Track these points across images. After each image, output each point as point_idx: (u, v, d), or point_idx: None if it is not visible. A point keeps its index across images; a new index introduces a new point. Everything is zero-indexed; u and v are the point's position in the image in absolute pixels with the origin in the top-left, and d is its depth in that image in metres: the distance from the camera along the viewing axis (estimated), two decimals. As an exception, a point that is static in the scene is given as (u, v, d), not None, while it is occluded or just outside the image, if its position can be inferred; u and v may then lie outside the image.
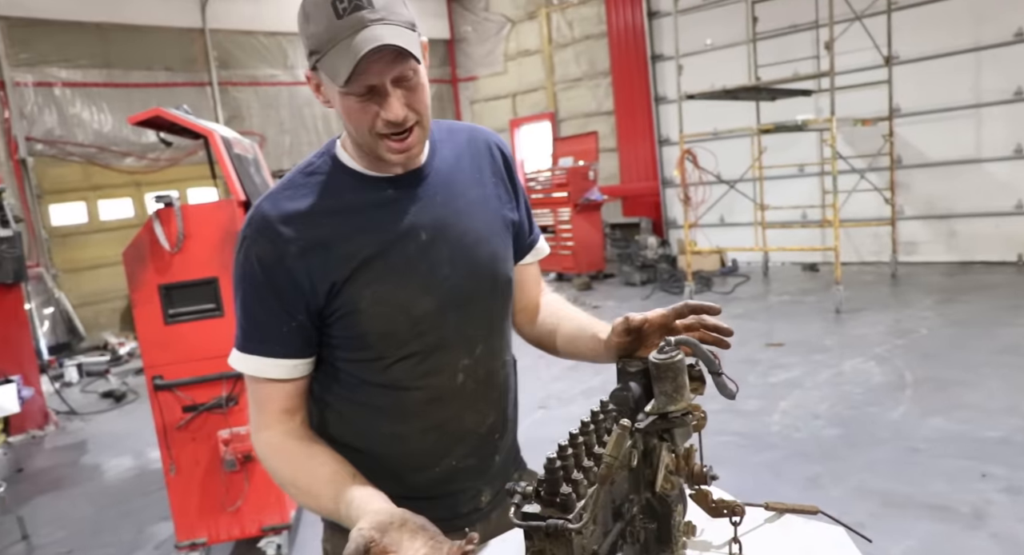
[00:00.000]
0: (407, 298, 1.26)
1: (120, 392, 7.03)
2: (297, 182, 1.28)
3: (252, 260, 1.22)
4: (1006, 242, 8.43)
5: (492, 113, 14.12)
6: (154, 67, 10.76)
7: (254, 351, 1.25)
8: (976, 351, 5.35)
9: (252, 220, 1.24)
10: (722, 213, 10.09)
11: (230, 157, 3.76)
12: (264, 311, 1.24)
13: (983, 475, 3.50)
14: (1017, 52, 8.14)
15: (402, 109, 1.17)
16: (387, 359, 1.28)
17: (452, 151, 1.39)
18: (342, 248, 1.23)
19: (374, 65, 1.13)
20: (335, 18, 1.12)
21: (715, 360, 1.21)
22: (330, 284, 1.23)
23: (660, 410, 1.16)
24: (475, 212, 1.36)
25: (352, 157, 1.30)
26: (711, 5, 9.77)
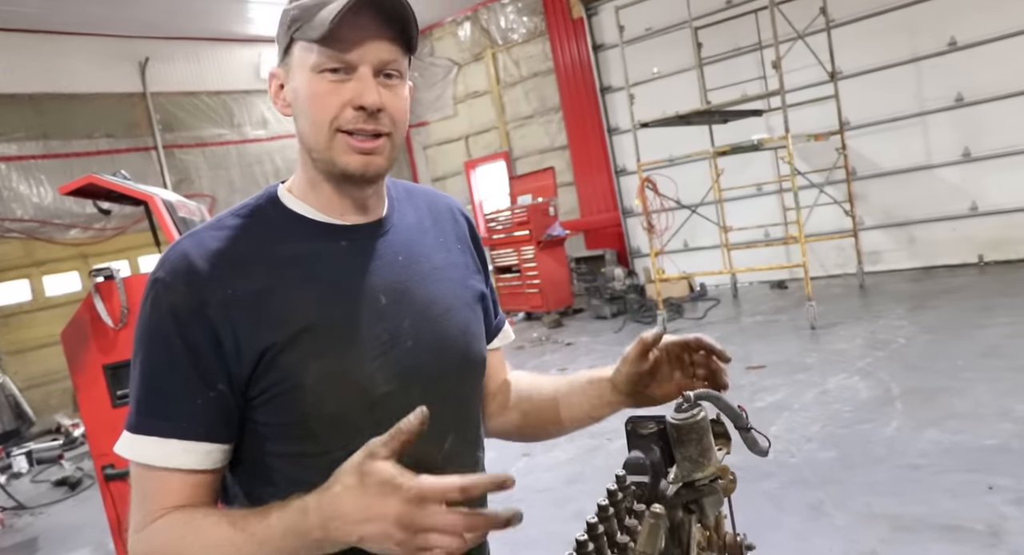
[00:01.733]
0: (364, 375, 1.02)
1: (75, 479, 6.60)
2: (227, 223, 1.05)
3: (163, 309, 0.97)
4: (965, 244, 8.52)
5: (446, 157, 14.06)
6: (94, 135, 10.49)
7: (154, 431, 0.96)
8: (956, 357, 5.29)
9: (167, 261, 1.00)
10: (685, 238, 10.07)
11: (175, 221, 3.56)
12: (174, 377, 0.96)
13: (990, 488, 3.37)
14: (953, 60, 8.34)
15: (378, 96, 0.99)
16: (335, 453, 0.96)
17: (413, 212, 1.19)
18: (282, 305, 0.99)
19: (362, 32, 0.97)
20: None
21: (742, 414, 1.05)
22: (262, 349, 0.97)
23: (686, 478, 0.99)
24: (442, 279, 1.15)
25: (300, 198, 1.08)
26: (655, 34, 9.88)
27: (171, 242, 2.96)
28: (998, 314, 6.20)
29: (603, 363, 5.06)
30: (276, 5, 10.89)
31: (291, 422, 1.01)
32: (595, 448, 4.87)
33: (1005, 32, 7.95)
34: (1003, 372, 4.81)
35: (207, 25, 11.27)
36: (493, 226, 10.97)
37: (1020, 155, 8.09)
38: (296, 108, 1.04)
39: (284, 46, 1.03)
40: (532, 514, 4.15)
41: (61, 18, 9.64)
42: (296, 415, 1.00)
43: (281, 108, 1.07)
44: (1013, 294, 6.83)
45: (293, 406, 1.00)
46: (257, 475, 1.05)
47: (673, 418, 0.98)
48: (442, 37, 13.45)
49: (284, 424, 1.01)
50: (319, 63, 0.98)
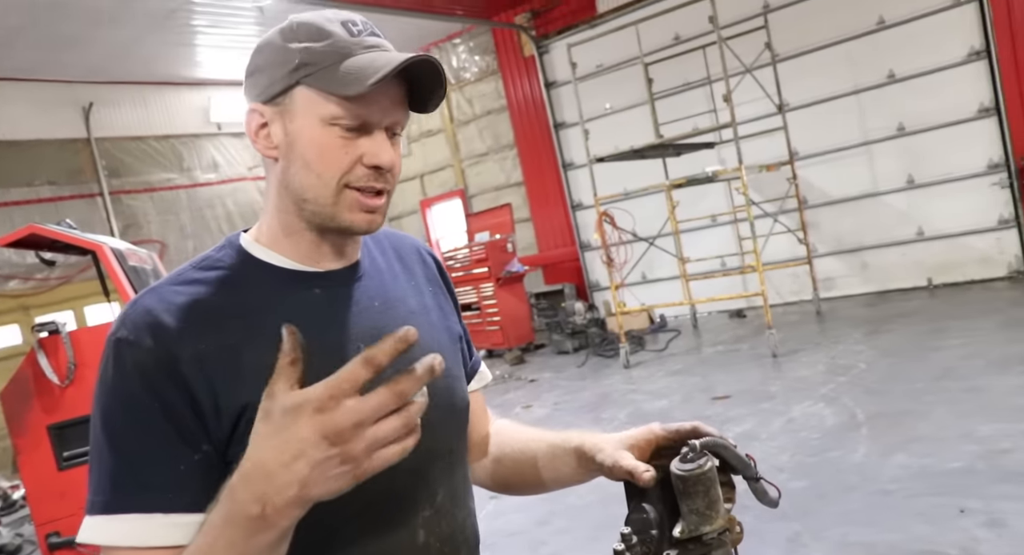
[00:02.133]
0: None
1: (13, 546, 6.22)
2: (190, 276, 0.97)
3: (128, 369, 0.87)
4: (915, 268, 8.74)
5: (401, 196, 14.00)
6: (36, 182, 10.19)
7: (133, 507, 0.84)
8: (916, 380, 5.36)
9: (127, 318, 0.91)
10: (644, 270, 10.14)
11: (124, 270, 3.42)
12: (150, 442, 0.86)
13: (961, 511, 3.38)
14: (893, 92, 8.65)
15: (393, 155, 0.97)
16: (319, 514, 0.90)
17: (381, 254, 1.14)
18: (259, 359, 0.89)
19: (387, 96, 0.94)
20: (347, 35, 0.93)
21: (751, 463, 1.00)
22: (240, 407, 0.88)
23: (693, 533, 0.93)
24: (418, 323, 1.07)
25: (268, 247, 1.01)
26: (606, 71, 10.02)
27: (121, 292, 2.81)
28: (950, 336, 6.33)
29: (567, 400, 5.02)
30: (225, 49, 10.81)
31: None
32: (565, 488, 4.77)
33: (938, 65, 8.30)
34: (960, 393, 4.88)
35: (154, 69, 11.11)
36: (451, 264, 10.90)
37: (958, 181, 8.38)
38: (291, 155, 0.97)
39: (281, 87, 0.96)
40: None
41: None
42: None
43: (264, 149, 0.99)
44: (962, 316, 7.00)
45: None
46: None
47: (678, 469, 0.92)
48: (394, 77, 13.49)
49: None
50: (336, 117, 0.93)
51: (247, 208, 12.74)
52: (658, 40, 9.44)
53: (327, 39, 0.93)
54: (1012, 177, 8.04)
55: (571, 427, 5.81)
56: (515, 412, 7.11)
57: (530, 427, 1.30)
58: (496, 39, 11.89)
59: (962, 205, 8.37)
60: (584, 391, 7.38)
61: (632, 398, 6.68)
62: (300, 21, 0.96)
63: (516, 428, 1.31)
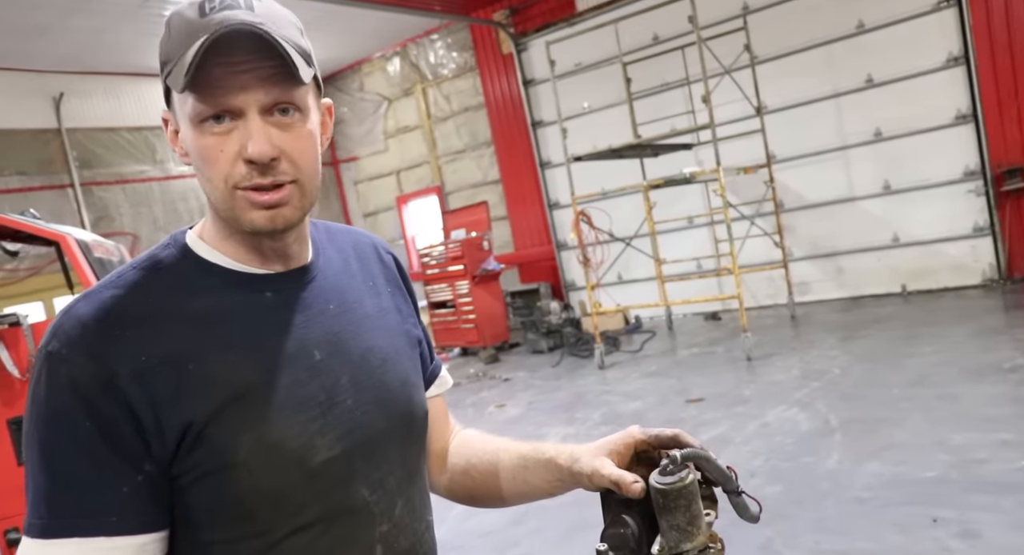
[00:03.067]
0: (302, 443, 0.89)
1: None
2: (129, 278, 0.90)
3: (61, 386, 0.81)
4: (889, 274, 8.81)
5: (377, 192, 13.90)
6: (5, 172, 9.97)
7: (73, 532, 0.80)
8: (890, 386, 5.38)
9: (60, 329, 0.84)
10: (620, 271, 10.12)
11: (89, 262, 3.32)
12: (88, 462, 0.81)
13: (934, 520, 3.37)
14: (870, 96, 8.70)
15: (267, 145, 0.85)
16: (275, 534, 0.89)
17: (337, 254, 1.07)
18: (204, 370, 0.85)
19: (238, 75, 0.83)
20: (198, 17, 0.83)
21: (732, 475, 0.95)
22: (185, 424, 0.83)
23: (673, 550, 0.88)
24: (376, 326, 1.04)
25: (213, 246, 0.94)
26: (585, 69, 10.00)
27: (85, 284, 2.71)
28: (924, 343, 6.37)
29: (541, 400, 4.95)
30: (200, 38, 10.62)
31: (225, 504, 0.86)
32: (539, 490, 4.73)
33: (916, 71, 8.35)
34: (934, 400, 4.90)
35: (126, 59, 10.90)
36: (427, 261, 10.82)
37: (934, 188, 8.46)
38: (193, 160, 0.90)
39: (164, 89, 0.90)
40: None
41: (-34, 51, 9.18)
42: (230, 495, 0.86)
43: (180, 156, 0.93)
44: (935, 323, 7.06)
45: (225, 486, 0.86)
46: None
47: (658, 482, 0.87)
48: (371, 72, 13.38)
49: (217, 506, 0.87)
50: (197, 113, 0.85)
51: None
52: (637, 39, 9.42)
53: (181, 27, 0.85)
54: (988, 185, 8.12)
55: (544, 427, 5.76)
56: (488, 411, 7.06)
57: (498, 437, 1.23)
58: (474, 36, 11.82)
59: (937, 212, 8.44)
60: (558, 391, 7.34)
61: (607, 399, 6.65)
62: (171, 12, 0.88)
63: (483, 438, 1.25)
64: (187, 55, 0.82)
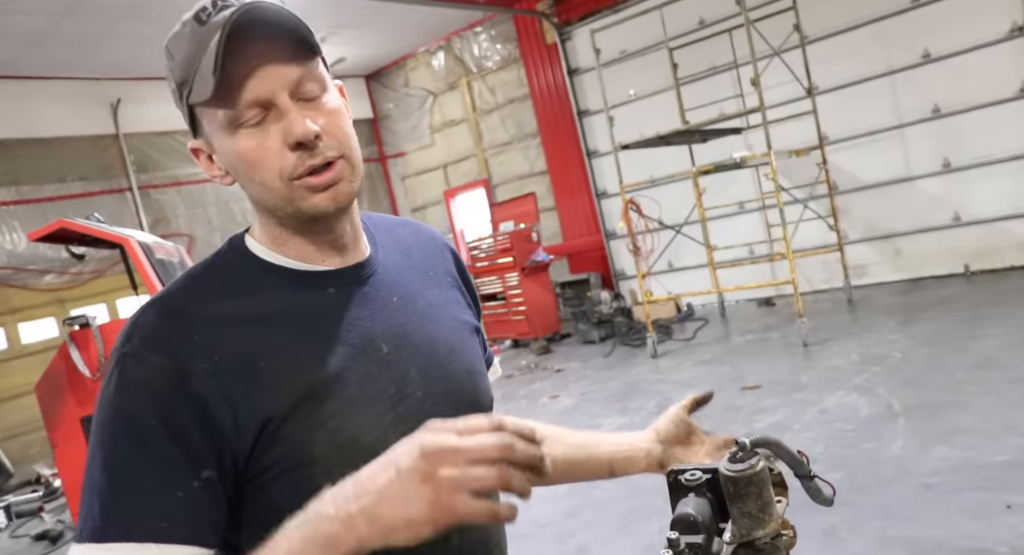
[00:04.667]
0: (376, 438, 0.89)
1: (55, 532, 6.32)
2: (194, 283, 0.93)
3: (134, 388, 0.82)
4: (951, 254, 8.53)
5: (424, 186, 13.99)
6: (67, 178, 10.31)
7: (125, 536, 0.78)
8: (955, 370, 5.22)
9: (133, 332, 0.86)
10: (670, 259, 10.03)
11: (152, 263, 3.42)
12: (148, 466, 0.80)
13: (1008, 506, 3.27)
14: (927, 72, 8.40)
15: (308, 123, 0.86)
16: None
17: (395, 245, 1.08)
18: (276, 368, 0.87)
19: (255, 68, 0.84)
20: (198, 26, 0.85)
21: (803, 460, 0.94)
22: (262, 422, 0.85)
23: (745, 538, 0.87)
24: (439, 316, 1.05)
25: (271, 247, 0.95)
26: (629, 57, 9.90)
27: (148, 285, 2.80)
28: (990, 324, 6.16)
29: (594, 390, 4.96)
30: (249, 41, 10.83)
31: (300, 500, 0.85)
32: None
33: (977, 43, 8.03)
34: (1003, 384, 4.74)
35: (179, 63, 11.17)
36: (476, 254, 10.87)
37: (997, 164, 8.14)
38: (236, 175, 0.92)
39: (188, 117, 0.92)
40: (534, 549, 3.95)
41: (28, 63, 9.50)
42: (309, 492, 0.84)
43: (221, 180, 0.95)
44: (1002, 303, 6.81)
45: (304, 483, 0.85)
46: None
47: (728, 469, 0.87)
48: (416, 67, 13.45)
49: (297, 503, 0.85)
50: (231, 118, 0.86)
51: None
52: (683, 24, 9.26)
53: (183, 46, 0.86)
54: (1054, 159, 7.80)
55: (598, 417, 5.76)
56: (542, 402, 7.08)
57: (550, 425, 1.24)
58: (518, 27, 11.77)
59: (1001, 189, 8.12)
60: (611, 381, 7.31)
61: (660, 388, 6.60)
62: (169, 37, 0.90)
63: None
64: (203, 63, 0.83)
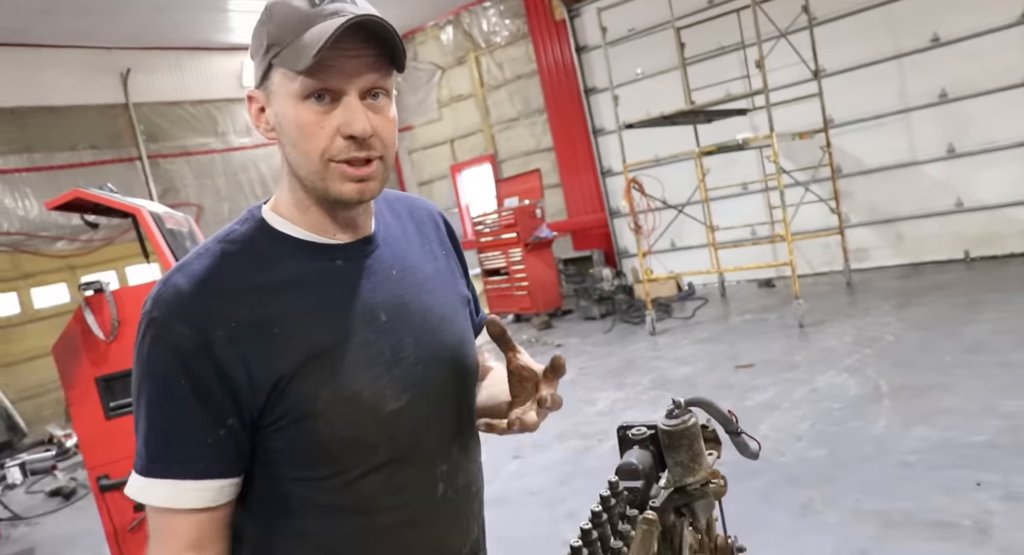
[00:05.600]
0: (373, 395, 1.02)
1: (69, 489, 6.57)
2: (216, 251, 1.02)
3: (165, 350, 0.95)
4: (952, 240, 8.58)
5: (431, 161, 14.06)
6: (78, 147, 10.43)
7: (166, 474, 0.96)
8: (945, 353, 5.33)
9: (161, 298, 0.98)
10: (672, 238, 10.11)
11: (162, 233, 3.55)
12: (182, 418, 0.96)
13: (978, 484, 3.40)
14: (936, 56, 8.40)
15: (368, 123, 0.97)
16: (350, 473, 1.03)
17: (396, 220, 1.19)
18: (287, 331, 0.98)
19: (347, 61, 0.95)
20: (308, 7, 0.95)
21: (732, 418, 1.07)
22: (275, 378, 0.97)
23: (678, 483, 1.00)
24: (433, 289, 1.16)
25: (289, 219, 1.06)
26: (637, 35, 9.91)
27: (159, 254, 2.94)
28: (985, 310, 6.25)
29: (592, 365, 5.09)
30: (257, 14, 10.80)
31: (306, 448, 1.01)
32: (586, 449, 4.88)
33: (987, 27, 8.00)
34: (990, 368, 4.85)
35: (188, 35, 11.22)
36: (480, 229, 10.97)
37: (1003, 151, 8.15)
38: (282, 135, 1.02)
39: (262, 70, 1.01)
40: (524, 514, 4.12)
41: (40, 31, 9.58)
42: (312, 441, 1.00)
43: (264, 132, 1.05)
44: (1000, 289, 6.89)
45: (308, 433, 1.00)
46: (269, 502, 1.05)
47: (664, 424, 0.99)
48: (425, 41, 13.46)
49: (299, 450, 1.01)
50: (303, 91, 0.96)
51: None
52: (691, 3, 9.27)
53: (289, 15, 0.96)
54: (1059, 147, 7.81)
55: (595, 391, 5.88)
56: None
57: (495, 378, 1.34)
58: (527, 2, 11.75)
59: (1005, 175, 8.14)
60: (610, 357, 7.45)
61: (657, 365, 6.74)
62: (273, 1, 1.00)
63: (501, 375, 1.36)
64: (306, 38, 0.93)
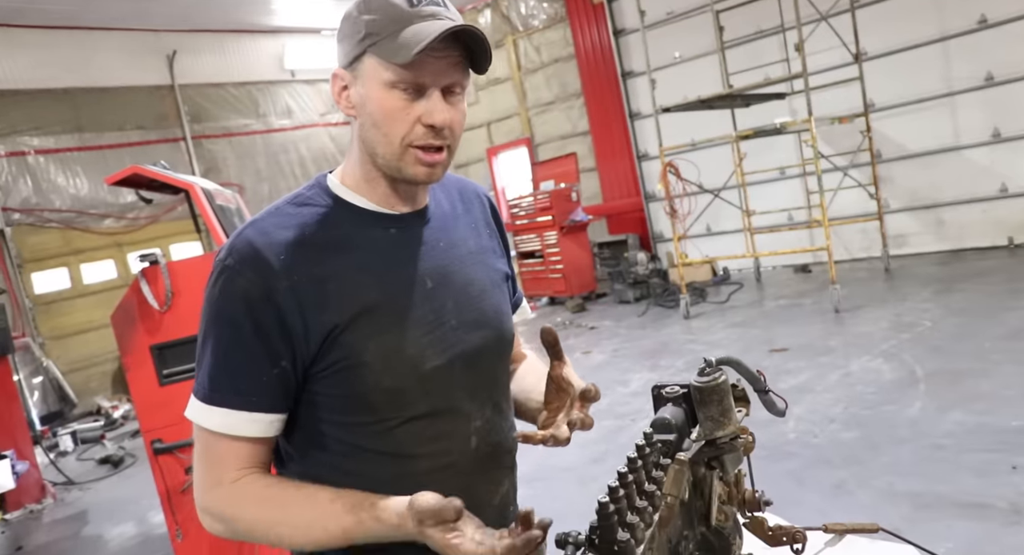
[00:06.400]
0: (416, 352, 1.13)
1: (117, 457, 6.85)
2: (285, 211, 1.14)
3: (234, 294, 1.06)
4: (995, 226, 8.44)
5: (468, 143, 14.13)
6: (126, 127, 10.71)
7: (225, 403, 1.07)
8: (983, 339, 5.29)
9: (234, 248, 1.09)
10: (708, 222, 10.08)
11: (213, 209, 3.68)
12: (243, 355, 1.07)
13: (1013, 467, 3.40)
14: (983, 38, 8.22)
15: (448, 116, 1.10)
16: (391, 421, 1.13)
17: (446, 198, 1.31)
18: (343, 287, 1.09)
19: (437, 61, 1.07)
20: (407, 6, 1.06)
21: (760, 377, 1.14)
22: (328, 330, 1.08)
23: (708, 436, 1.08)
24: (476, 262, 1.27)
25: (352, 189, 1.18)
26: (676, 18, 9.85)
27: (211, 228, 3.07)
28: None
29: (626, 347, 5.17)
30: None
31: (351, 394, 1.11)
32: (620, 428, 4.96)
33: (1036, 9, 7.82)
34: (1029, 354, 4.81)
35: (232, 17, 11.42)
36: (516, 212, 11.04)
37: (1051, 135, 7.99)
38: (363, 115, 1.12)
39: (354, 55, 1.10)
40: (557, 490, 4.23)
41: (91, 14, 9.85)
42: (357, 388, 1.10)
43: (345, 109, 1.14)
44: (1042, 277, 6.79)
45: (354, 380, 1.10)
46: (314, 441, 1.16)
47: (696, 381, 1.07)
48: (464, 24, 13.48)
49: (345, 396, 1.12)
50: (395, 82, 1.07)
51: (319, 153, 13.11)
52: (732, -14, 9.19)
53: (389, 11, 1.06)
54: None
55: (628, 372, 5.92)
56: (575, 357, 7.30)
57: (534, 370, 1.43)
58: (566, -15, 11.75)
59: (1052, 161, 7.99)
60: (643, 340, 7.50)
61: (690, 347, 6.77)
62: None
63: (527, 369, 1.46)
64: (405, 36, 1.04)
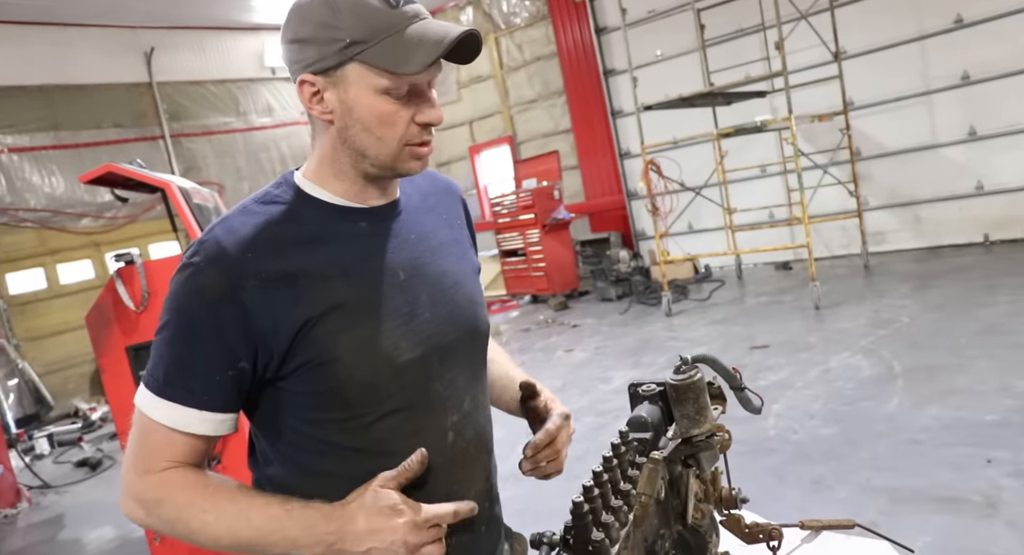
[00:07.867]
0: (390, 345, 1.11)
1: (95, 459, 6.77)
2: (253, 210, 1.12)
3: (195, 292, 1.05)
4: (971, 223, 8.54)
5: (450, 142, 14.09)
6: (103, 125, 10.58)
7: (176, 398, 1.06)
8: (959, 334, 5.35)
9: (203, 246, 1.07)
10: (690, 220, 10.12)
11: (190, 208, 3.65)
12: (199, 353, 1.05)
13: (988, 461, 3.45)
14: (959, 38, 8.31)
15: (439, 111, 1.14)
16: (366, 417, 1.12)
17: (416, 191, 1.30)
18: (313, 283, 1.08)
19: (438, 68, 1.11)
20: (388, 8, 1.05)
21: (736, 374, 1.13)
22: (300, 324, 1.06)
23: (684, 435, 1.08)
24: (449, 254, 1.27)
25: (319, 185, 1.16)
26: (657, 17, 9.87)
27: (187, 227, 3.03)
28: (1002, 293, 6.25)
29: (608, 345, 5.20)
30: (280, -8, 10.92)
31: (325, 390, 1.10)
32: (601, 426, 4.96)
33: (1013, 8, 7.89)
34: (1004, 349, 4.87)
35: (211, 14, 11.32)
36: (498, 210, 11.03)
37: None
38: (348, 120, 1.09)
39: (334, 62, 1.06)
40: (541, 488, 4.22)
41: (67, 10, 9.71)
42: (330, 384, 1.09)
43: (319, 114, 1.11)
44: (1018, 273, 6.87)
45: (327, 376, 1.08)
46: (290, 441, 1.14)
47: (672, 379, 1.06)
48: (446, 22, 13.45)
49: (319, 393, 1.10)
50: (389, 88, 1.07)
51: (300, 152, 13.03)
52: (713, -16, 9.22)
53: (372, 15, 1.03)
54: (1082, 130, 7.71)
55: (610, 370, 5.94)
56: (557, 355, 7.31)
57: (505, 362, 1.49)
58: (548, -17, 11.74)
59: (1026, 159, 8.09)
60: (625, 337, 7.52)
61: (672, 345, 6.80)
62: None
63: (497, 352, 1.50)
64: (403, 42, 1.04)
